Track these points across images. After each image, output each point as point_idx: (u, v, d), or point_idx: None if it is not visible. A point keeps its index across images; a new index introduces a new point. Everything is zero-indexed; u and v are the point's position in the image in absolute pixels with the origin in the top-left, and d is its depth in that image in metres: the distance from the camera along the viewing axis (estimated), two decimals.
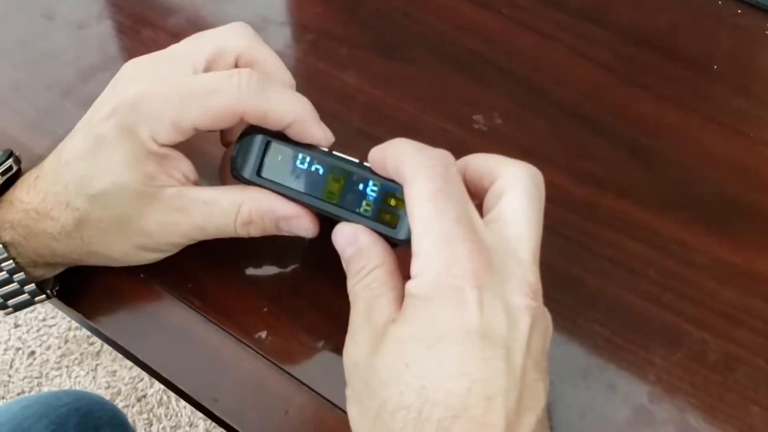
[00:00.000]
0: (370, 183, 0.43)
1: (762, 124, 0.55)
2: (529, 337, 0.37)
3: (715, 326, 0.47)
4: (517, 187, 0.40)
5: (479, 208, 0.41)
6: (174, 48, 0.47)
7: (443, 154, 0.41)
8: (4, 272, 0.46)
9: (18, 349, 1.43)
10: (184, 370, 0.47)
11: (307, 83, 0.57)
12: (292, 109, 0.44)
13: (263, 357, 0.47)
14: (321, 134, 0.45)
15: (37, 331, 1.45)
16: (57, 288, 0.49)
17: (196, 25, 0.61)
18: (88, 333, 1.43)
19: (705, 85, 0.57)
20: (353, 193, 0.43)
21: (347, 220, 0.43)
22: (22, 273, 0.46)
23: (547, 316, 0.40)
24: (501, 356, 0.36)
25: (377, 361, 0.37)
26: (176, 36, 0.60)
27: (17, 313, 1.40)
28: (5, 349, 1.43)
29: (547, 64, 0.58)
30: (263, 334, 0.48)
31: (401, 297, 0.39)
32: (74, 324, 1.45)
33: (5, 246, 0.45)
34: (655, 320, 0.48)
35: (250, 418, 0.46)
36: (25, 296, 0.47)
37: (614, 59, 0.59)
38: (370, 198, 0.43)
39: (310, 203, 0.44)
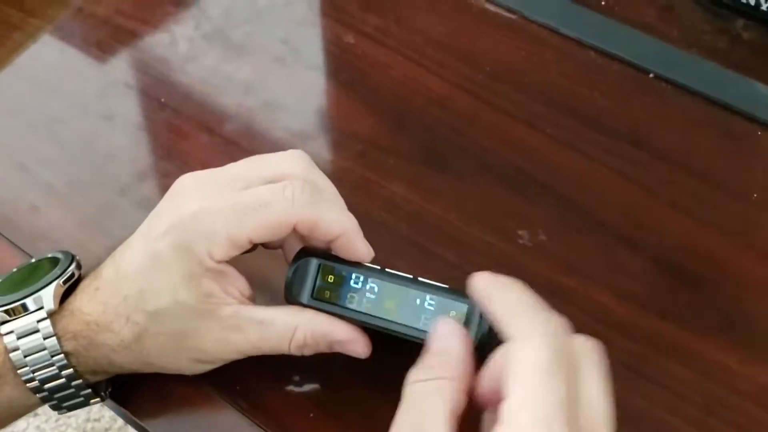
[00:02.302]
0: (428, 298, 0.44)
1: None
2: None
3: None
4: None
5: None
6: (232, 167, 0.48)
7: (562, 323, 0.39)
8: (63, 379, 0.46)
9: None
10: None
11: (354, 191, 0.58)
12: (341, 223, 0.46)
13: None
14: (365, 250, 0.47)
15: (56, 421, 1.44)
16: (110, 389, 0.50)
17: (251, 131, 0.63)
18: (107, 425, 1.43)
19: (745, 212, 0.58)
20: (410, 308, 0.44)
21: (406, 335, 0.44)
22: (80, 380, 0.47)
23: None
24: None
25: None
26: (232, 142, 0.62)
27: None
28: None
29: (589, 183, 0.60)
30: None
31: (455, 416, 0.38)
32: (92, 416, 1.44)
33: (67, 355, 0.46)
34: None
35: None
36: (80, 399, 0.48)
37: (655, 182, 0.60)
38: (429, 312, 0.44)
39: (368, 321, 0.45)
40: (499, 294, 0.41)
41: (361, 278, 0.46)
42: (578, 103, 0.65)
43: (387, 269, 0.46)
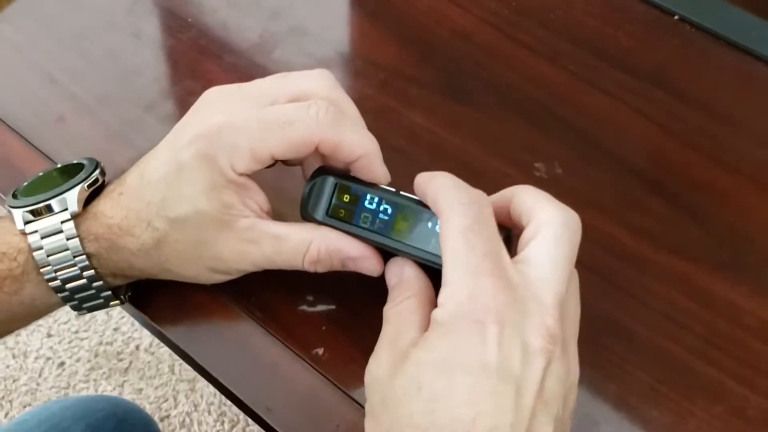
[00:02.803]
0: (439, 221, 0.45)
1: None
2: (542, 379, 0.38)
3: (756, 384, 0.49)
4: (548, 231, 0.42)
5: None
6: (258, 83, 0.49)
7: (479, 194, 0.43)
8: (84, 279, 0.48)
9: (48, 358, 1.45)
10: (241, 378, 0.49)
11: (375, 119, 0.59)
12: (363, 145, 0.46)
13: (319, 372, 0.49)
14: (383, 172, 0.47)
15: (69, 342, 1.47)
16: (129, 293, 0.52)
17: (275, 56, 0.64)
18: (118, 349, 1.45)
19: (762, 155, 0.59)
20: (422, 231, 0.45)
21: (417, 257, 0.45)
22: (101, 281, 0.48)
23: (570, 363, 0.41)
24: (510, 393, 0.37)
25: (395, 380, 0.39)
26: (256, 65, 0.63)
27: (51, 324, 1.43)
28: (36, 358, 1.45)
29: (609, 121, 0.60)
30: (320, 351, 0.50)
31: (428, 325, 0.41)
32: (105, 338, 1.47)
33: (89, 256, 0.47)
34: (699, 373, 0.49)
35: (302, 430, 0.47)
36: (100, 300, 0.50)
37: (675, 123, 0.60)
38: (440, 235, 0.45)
39: (380, 241, 0.46)
40: (430, 183, 0.44)
41: (376, 199, 0.46)
42: (602, 42, 0.65)
43: (402, 192, 0.47)
